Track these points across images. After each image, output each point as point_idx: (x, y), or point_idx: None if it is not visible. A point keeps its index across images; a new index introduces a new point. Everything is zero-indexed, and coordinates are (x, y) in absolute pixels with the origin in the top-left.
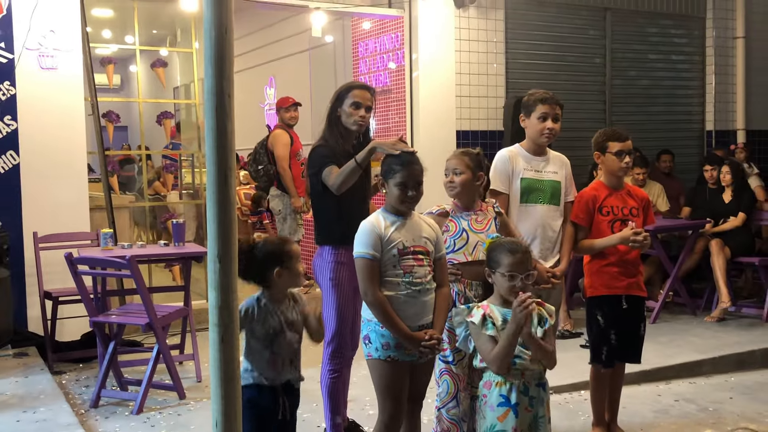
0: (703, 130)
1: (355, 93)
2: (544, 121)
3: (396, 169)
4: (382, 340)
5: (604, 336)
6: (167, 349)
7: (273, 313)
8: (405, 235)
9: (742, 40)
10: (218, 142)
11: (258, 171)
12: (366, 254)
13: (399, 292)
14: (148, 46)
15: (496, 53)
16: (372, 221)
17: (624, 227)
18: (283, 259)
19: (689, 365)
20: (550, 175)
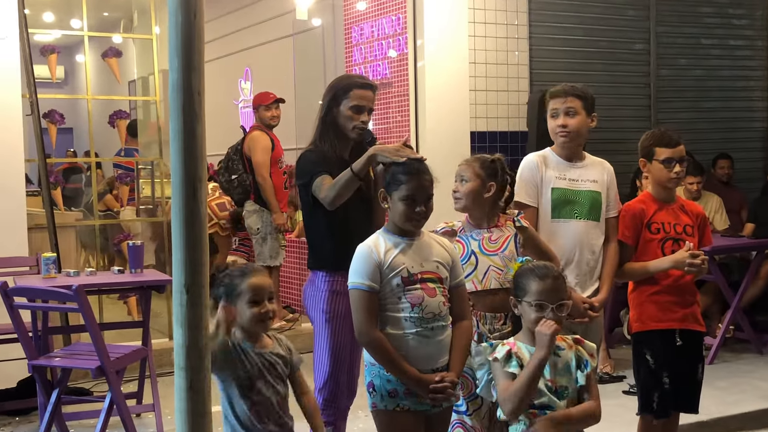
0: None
1: (355, 93)
2: (555, 117)
3: (401, 180)
4: (389, 387)
5: (656, 379)
6: (122, 399)
7: (247, 354)
8: (411, 260)
9: None
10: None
11: (231, 182)
12: (361, 285)
13: (406, 330)
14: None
15: (518, 39)
16: (369, 244)
17: (677, 248)
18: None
19: (755, 414)
20: (588, 185)
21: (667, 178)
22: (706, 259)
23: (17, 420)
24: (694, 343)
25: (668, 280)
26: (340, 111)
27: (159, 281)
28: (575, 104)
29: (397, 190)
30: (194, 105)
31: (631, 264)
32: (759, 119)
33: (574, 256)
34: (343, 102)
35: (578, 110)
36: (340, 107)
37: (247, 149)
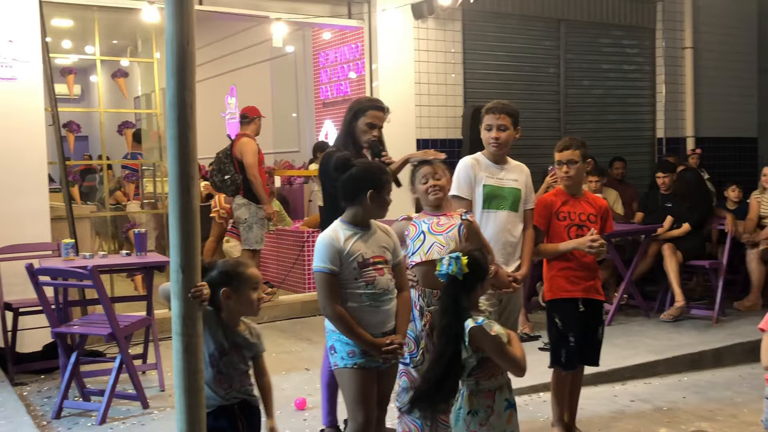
0: (654, 138)
1: (371, 114)
2: (489, 131)
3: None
4: (348, 349)
5: (563, 339)
6: (130, 359)
7: (225, 330)
8: (365, 247)
9: (690, 50)
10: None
11: (224, 181)
12: (324, 268)
13: (362, 303)
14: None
15: (455, 64)
16: (330, 235)
17: (581, 233)
18: (232, 282)
19: (644, 366)
20: (510, 183)
21: (560, 177)
22: (604, 243)
23: (42, 378)
24: (595, 310)
25: (573, 259)
26: (358, 125)
27: (160, 262)
28: (506, 121)
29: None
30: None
31: (544, 245)
32: (647, 129)
33: (500, 239)
34: (361, 119)
35: (508, 125)
36: (358, 122)
37: (238, 153)
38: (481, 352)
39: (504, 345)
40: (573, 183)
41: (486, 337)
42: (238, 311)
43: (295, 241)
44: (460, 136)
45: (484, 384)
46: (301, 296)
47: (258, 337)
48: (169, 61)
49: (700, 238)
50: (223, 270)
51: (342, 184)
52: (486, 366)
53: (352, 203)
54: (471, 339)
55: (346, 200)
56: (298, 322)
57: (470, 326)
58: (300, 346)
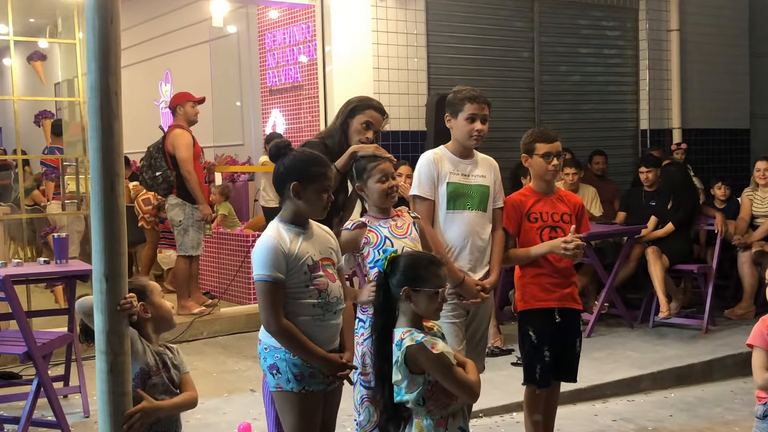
0: (637, 129)
1: (369, 113)
2: (472, 122)
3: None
4: (295, 371)
5: (538, 353)
6: (49, 381)
7: (148, 350)
8: (313, 248)
9: (676, 32)
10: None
11: (156, 178)
12: (267, 277)
13: (314, 315)
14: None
15: (417, 47)
16: (273, 236)
17: (554, 234)
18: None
19: (627, 381)
20: (478, 179)
21: (545, 171)
22: (581, 245)
23: None
24: (572, 320)
25: (547, 265)
26: (353, 123)
27: (83, 271)
28: (488, 112)
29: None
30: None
31: (515, 250)
32: (630, 119)
33: (467, 243)
34: (357, 116)
35: (488, 117)
36: (354, 119)
37: (170, 146)
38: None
39: (451, 366)
40: (553, 178)
41: (427, 357)
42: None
43: (238, 246)
44: (424, 128)
45: (433, 410)
46: (246, 308)
47: (179, 354)
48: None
49: (687, 239)
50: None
51: (276, 174)
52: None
53: (282, 197)
54: (410, 360)
55: (279, 191)
56: (242, 338)
57: (407, 344)
58: (244, 364)
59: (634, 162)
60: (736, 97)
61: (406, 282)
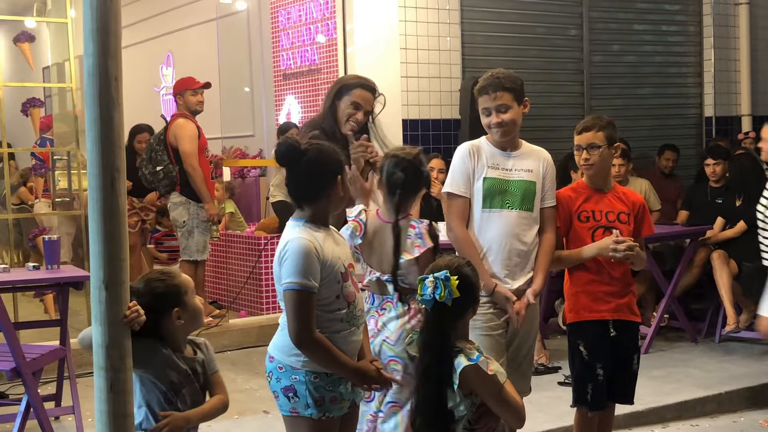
0: (701, 117)
1: (358, 93)
2: (487, 116)
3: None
4: (316, 395)
5: (590, 371)
6: (39, 401)
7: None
8: (342, 253)
9: (745, 6)
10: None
11: (156, 173)
12: (304, 286)
13: (341, 330)
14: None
15: (450, 24)
16: (306, 238)
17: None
18: (178, 298)
19: (690, 404)
20: (521, 174)
21: (578, 165)
22: (635, 245)
23: None
24: (629, 334)
25: (602, 270)
26: (341, 105)
27: (77, 278)
28: (505, 99)
29: None
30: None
31: (562, 252)
32: (693, 105)
33: (504, 247)
34: (345, 97)
35: (509, 104)
36: (341, 101)
37: (173, 138)
38: (473, 396)
39: (503, 388)
40: (596, 173)
41: (482, 378)
42: (187, 329)
43: (248, 249)
44: (458, 116)
45: None
46: (258, 319)
47: (209, 349)
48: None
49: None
50: (161, 291)
51: (300, 176)
52: (481, 415)
53: (317, 197)
54: (462, 380)
55: (310, 194)
56: (253, 352)
57: (463, 365)
58: (256, 382)
59: (697, 154)
60: None
61: (477, 298)
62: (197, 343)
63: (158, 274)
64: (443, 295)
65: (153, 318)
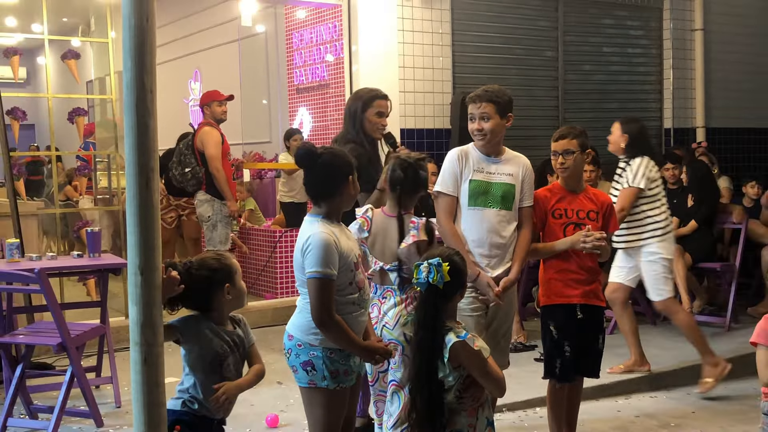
0: (661, 128)
1: (379, 103)
2: (472, 121)
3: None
4: (332, 368)
5: (558, 348)
6: (82, 372)
7: (219, 336)
8: (352, 245)
9: (700, 32)
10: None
11: (185, 174)
12: (326, 274)
13: (352, 312)
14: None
15: (442, 46)
16: (327, 233)
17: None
18: (230, 276)
19: (650, 378)
20: (502, 178)
21: (555, 169)
22: (603, 238)
23: None
24: (595, 317)
25: (573, 261)
26: (367, 116)
27: (115, 264)
28: (488, 109)
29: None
30: (147, 102)
31: (536, 244)
32: (653, 118)
33: (485, 240)
34: (370, 109)
35: (491, 114)
36: (367, 113)
37: (200, 143)
38: (461, 369)
39: (487, 362)
40: (570, 176)
41: (469, 353)
42: (232, 306)
43: (265, 241)
44: (449, 126)
45: (467, 402)
46: (273, 302)
47: (245, 324)
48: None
49: (710, 238)
50: (216, 267)
51: (317, 176)
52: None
53: (332, 195)
54: (452, 355)
55: (325, 193)
56: (269, 331)
57: (452, 341)
58: (271, 357)
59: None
60: (761, 96)
61: (464, 283)
62: (236, 320)
63: (213, 254)
64: (435, 278)
65: (206, 291)
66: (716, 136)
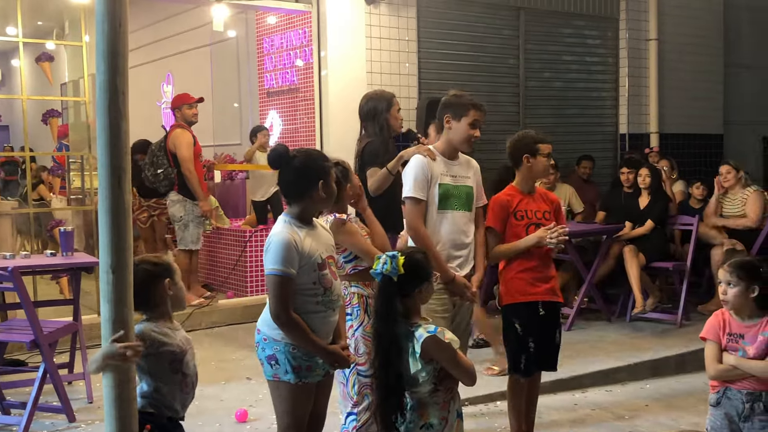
0: (616, 134)
1: (395, 100)
2: (473, 128)
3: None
4: (294, 363)
5: (523, 345)
6: (55, 368)
7: (169, 335)
8: (320, 246)
9: (655, 42)
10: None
11: (157, 175)
12: (282, 271)
13: (317, 312)
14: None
15: (409, 52)
16: (287, 232)
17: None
18: (170, 272)
19: (605, 372)
20: (464, 180)
21: (547, 168)
22: (564, 232)
23: None
24: (553, 313)
25: (533, 260)
26: (391, 114)
27: (88, 263)
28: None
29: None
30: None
31: (500, 246)
32: (609, 124)
33: (455, 241)
34: (392, 108)
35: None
36: (390, 112)
37: (172, 145)
38: (434, 363)
39: (457, 353)
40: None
41: (440, 345)
42: (174, 305)
43: (235, 241)
44: (414, 130)
45: (441, 395)
46: (243, 300)
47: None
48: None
49: (663, 238)
50: (155, 261)
51: (288, 177)
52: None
53: (302, 198)
54: (424, 349)
55: (295, 194)
56: (239, 328)
57: (424, 336)
58: (241, 353)
59: (612, 164)
60: (711, 104)
61: (424, 279)
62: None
63: (152, 256)
64: (389, 269)
65: (148, 285)
66: (669, 141)
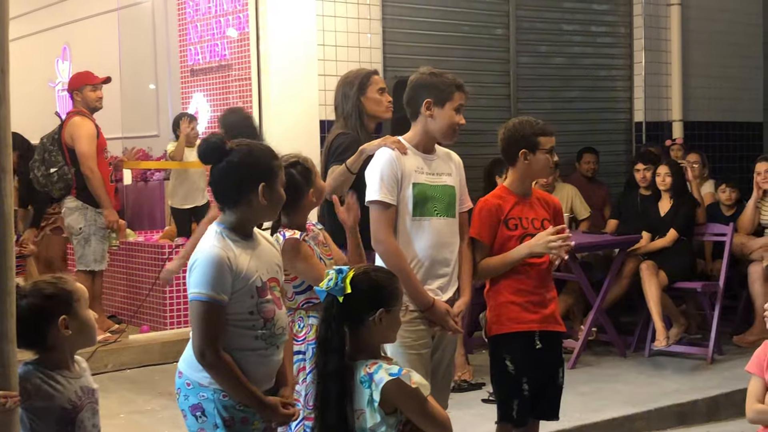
0: (631, 122)
1: (375, 78)
2: (458, 112)
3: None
4: (225, 415)
5: (516, 386)
6: None
7: (63, 385)
8: (261, 265)
9: (677, 7)
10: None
11: (50, 176)
12: (211, 297)
13: (255, 349)
14: None
15: (371, 20)
16: (219, 246)
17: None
18: (68, 305)
19: (618, 421)
20: (444, 179)
21: (549, 167)
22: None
23: None
24: (554, 345)
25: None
26: (368, 96)
27: None
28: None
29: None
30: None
31: (487, 260)
32: (622, 110)
33: (433, 257)
34: (368, 88)
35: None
36: (366, 94)
37: (68, 138)
38: (398, 414)
39: (427, 401)
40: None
41: (405, 392)
42: (76, 344)
43: (151, 259)
44: None
45: None
46: (161, 335)
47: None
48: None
49: (689, 253)
50: (49, 293)
51: (221, 179)
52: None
53: (237, 203)
54: (384, 398)
55: (230, 199)
56: (155, 371)
57: (385, 380)
58: (158, 403)
59: (626, 160)
60: (747, 85)
61: (381, 303)
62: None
63: (50, 278)
64: (332, 285)
65: (37, 325)
66: (695, 131)
